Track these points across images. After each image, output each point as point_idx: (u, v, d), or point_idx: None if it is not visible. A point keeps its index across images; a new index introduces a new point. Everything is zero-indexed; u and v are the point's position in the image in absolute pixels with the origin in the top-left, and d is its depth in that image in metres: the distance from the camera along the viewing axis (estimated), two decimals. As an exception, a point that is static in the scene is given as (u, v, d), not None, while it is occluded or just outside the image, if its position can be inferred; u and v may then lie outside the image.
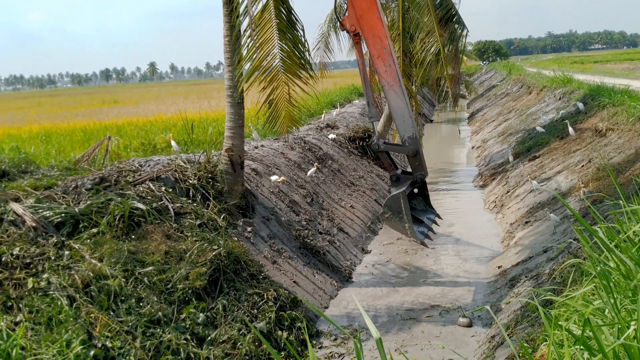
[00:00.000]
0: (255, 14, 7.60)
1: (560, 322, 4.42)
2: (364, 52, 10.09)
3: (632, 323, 2.32)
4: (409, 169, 9.90)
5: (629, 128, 12.35)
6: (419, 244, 9.15)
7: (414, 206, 9.62)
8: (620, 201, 4.17)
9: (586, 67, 43.27)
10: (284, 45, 7.46)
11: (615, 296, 2.68)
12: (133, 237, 7.55)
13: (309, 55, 7.81)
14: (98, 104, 40.94)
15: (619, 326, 2.42)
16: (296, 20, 7.91)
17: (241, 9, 7.84)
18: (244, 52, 7.65)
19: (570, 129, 15.02)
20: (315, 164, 12.66)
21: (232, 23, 8.72)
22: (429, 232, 9.54)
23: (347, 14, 8.90)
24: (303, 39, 7.83)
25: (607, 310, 2.98)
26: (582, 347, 2.46)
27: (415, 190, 9.62)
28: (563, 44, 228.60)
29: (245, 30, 7.72)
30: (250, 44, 7.52)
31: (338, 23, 18.43)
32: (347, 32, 8.87)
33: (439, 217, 10.18)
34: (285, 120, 7.69)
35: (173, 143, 12.36)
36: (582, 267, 6.55)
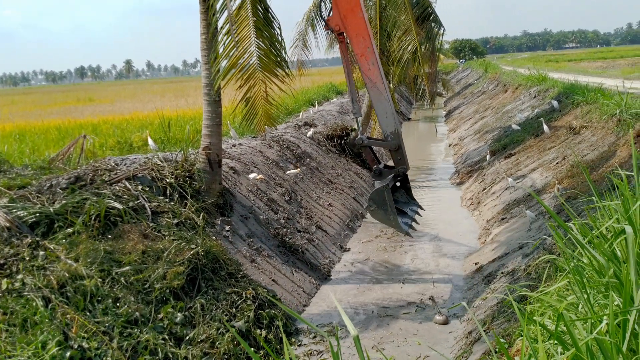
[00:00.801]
0: (232, 11, 7.56)
1: (535, 318, 4.50)
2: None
3: (605, 318, 2.37)
4: (390, 163, 10.07)
5: (602, 126, 12.57)
6: (403, 234, 9.29)
7: (397, 198, 9.79)
8: (594, 197, 4.25)
9: (561, 65, 43.92)
10: (260, 43, 7.43)
11: (588, 291, 2.73)
12: (109, 236, 7.46)
13: (286, 53, 7.80)
14: (73, 102, 40.32)
15: (592, 321, 2.47)
16: (273, 18, 7.89)
17: (217, 6, 7.79)
18: (220, 50, 7.60)
19: (545, 127, 15.25)
20: (297, 168, 12.64)
21: (209, 21, 8.67)
22: (412, 222, 9.73)
23: (331, 14, 9.06)
24: (280, 37, 7.82)
25: (580, 306, 3.03)
26: (555, 341, 2.51)
27: (398, 184, 9.83)
28: (538, 43, 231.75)
29: (221, 27, 7.67)
30: (227, 42, 7.48)
31: (320, 22, 18.53)
32: (332, 31, 9.01)
33: (421, 209, 10.38)
34: (263, 118, 7.67)
35: (150, 141, 12.24)
36: (556, 263, 6.67)
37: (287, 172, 12.48)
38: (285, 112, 18.82)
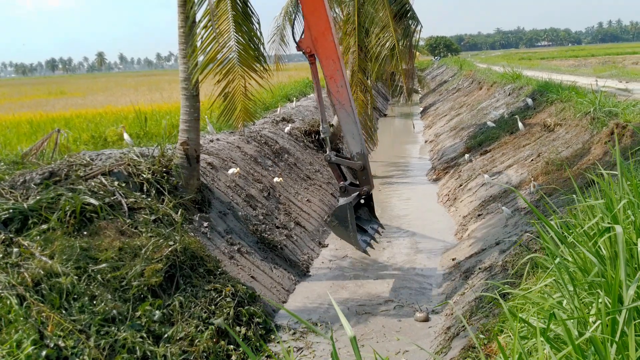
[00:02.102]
0: (212, 4, 7.46)
1: (519, 315, 4.54)
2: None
3: (591, 317, 2.39)
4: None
5: (576, 123, 12.78)
6: (361, 252, 9.38)
7: (360, 215, 9.97)
8: (572, 195, 4.30)
9: (534, 63, 44.49)
10: (240, 37, 7.35)
11: (574, 290, 2.75)
12: (85, 233, 7.31)
13: (264, 48, 7.73)
14: (44, 95, 39.45)
15: (582, 320, 2.49)
16: (252, 12, 7.82)
17: (196, 0, 7.68)
18: (199, 44, 7.50)
19: (520, 124, 15.44)
20: (281, 176, 12.57)
21: (187, 14, 8.55)
22: (371, 241, 9.84)
23: (303, 36, 9.22)
24: (259, 32, 7.75)
25: (564, 303, 3.06)
26: (543, 339, 2.52)
27: (362, 201, 9.95)
28: (511, 41, 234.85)
29: (199, 20, 7.56)
30: (205, 36, 7.38)
31: (298, 17, 18.44)
32: (303, 52, 9.13)
33: (382, 227, 10.55)
34: (241, 113, 7.59)
35: (126, 136, 12.05)
36: (535, 260, 6.76)
37: (275, 179, 12.38)
38: (262, 107, 18.71)
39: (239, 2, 7.48)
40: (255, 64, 7.56)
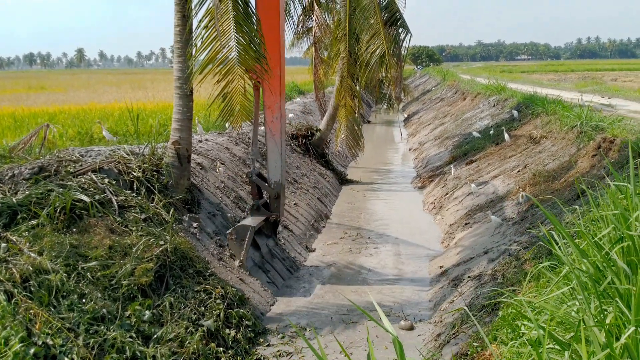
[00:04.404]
0: (210, 6, 7.42)
1: (518, 322, 4.56)
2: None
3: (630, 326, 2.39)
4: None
5: (562, 136, 12.96)
6: (242, 269, 9.32)
7: (262, 229, 10.29)
8: (577, 205, 4.34)
9: (515, 76, 45.14)
10: (240, 38, 7.31)
11: (592, 298, 2.78)
12: (75, 230, 7.19)
13: (265, 49, 7.69)
14: (24, 89, 38.84)
15: (607, 328, 2.51)
16: (252, 13, 7.78)
17: (196, 0, 7.63)
18: (199, 43, 7.44)
19: (506, 135, 15.63)
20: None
21: (185, 13, 8.48)
22: (261, 260, 9.89)
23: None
24: (260, 33, 7.71)
25: (575, 311, 3.08)
26: (560, 348, 2.53)
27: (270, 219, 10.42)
28: (492, 53, 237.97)
29: (200, 20, 7.51)
30: (206, 35, 7.32)
31: (287, 20, 18.49)
32: (251, 80, 9.32)
33: (277, 245, 10.68)
34: (240, 113, 7.55)
35: (105, 132, 11.96)
36: (527, 270, 6.81)
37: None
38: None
39: (240, 2, 7.44)
40: (255, 65, 7.51)
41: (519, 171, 12.78)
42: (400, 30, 17.19)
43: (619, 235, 3.10)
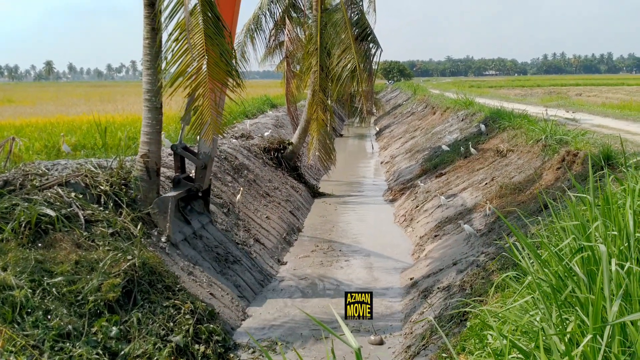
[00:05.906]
0: (181, 19, 7.41)
1: (485, 332, 4.63)
2: None
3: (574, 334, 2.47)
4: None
5: (528, 150, 13.23)
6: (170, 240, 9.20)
7: (193, 207, 10.46)
8: (539, 217, 4.44)
9: (483, 91, 45.94)
10: (211, 51, 7.31)
11: (554, 307, 2.85)
12: (40, 245, 7.05)
13: (237, 62, 7.71)
14: (-11, 101, 37.97)
15: (567, 336, 2.58)
16: (223, 27, 7.79)
17: (166, 13, 7.61)
18: (169, 56, 7.42)
19: (472, 150, 15.90)
20: (240, 193, 12.50)
21: (154, 26, 8.45)
22: (192, 235, 9.89)
23: None
24: (230, 46, 7.73)
25: (537, 321, 3.15)
26: (523, 357, 2.59)
27: (200, 194, 10.60)
28: (461, 69, 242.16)
29: (170, 33, 7.49)
30: (176, 48, 7.31)
31: (260, 34, 18.57)
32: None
33: (212, 223, 10.78)
34: (211, 127, 7.52)
35: (64, 146, 11.87)
36: (494, 280, 6.91)
37: (237, 198, 12.30)
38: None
39: (210, 16, 7.45)
40: (226, 78, 7.51)
41: (486, 184, 12.99)
42: (371, 45, 17.44)
43: (579, 245, 3.20)
